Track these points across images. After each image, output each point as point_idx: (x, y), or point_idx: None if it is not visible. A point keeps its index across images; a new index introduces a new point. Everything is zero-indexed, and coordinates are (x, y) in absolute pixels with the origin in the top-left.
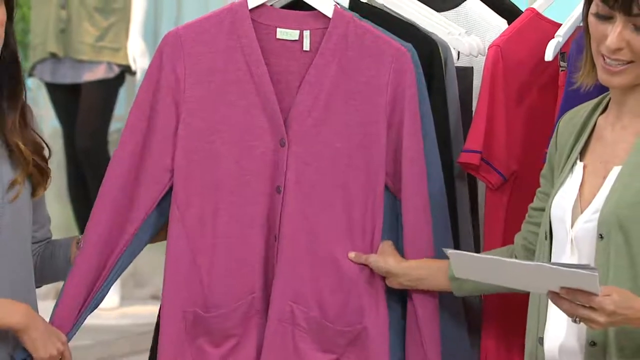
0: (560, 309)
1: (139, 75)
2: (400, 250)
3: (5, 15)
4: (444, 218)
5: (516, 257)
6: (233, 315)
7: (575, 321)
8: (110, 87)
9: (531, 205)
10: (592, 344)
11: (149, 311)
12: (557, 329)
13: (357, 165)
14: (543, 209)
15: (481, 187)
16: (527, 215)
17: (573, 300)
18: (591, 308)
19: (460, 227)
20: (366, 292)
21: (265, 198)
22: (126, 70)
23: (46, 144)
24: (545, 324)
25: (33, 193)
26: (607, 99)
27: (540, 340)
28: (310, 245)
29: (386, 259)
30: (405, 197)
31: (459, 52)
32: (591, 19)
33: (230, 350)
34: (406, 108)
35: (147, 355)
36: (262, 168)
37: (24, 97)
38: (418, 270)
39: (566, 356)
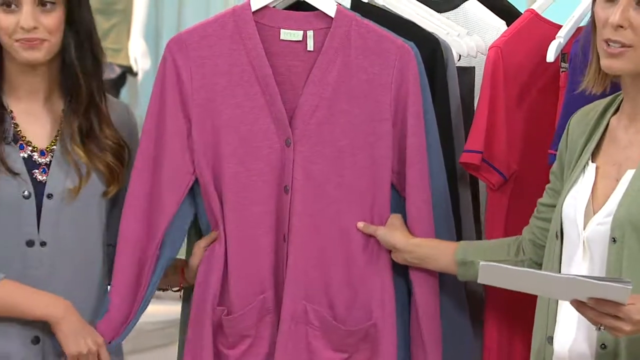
0: (585, 317)
1: (140, 76)
2: None
3: (62, 19)
4: (446, 214)
5: (524, 251)
6: (247, 317)
7: (599, 329)
8: (111, 88)
9: (540, 200)
10: (602, 346)
11: (150, 310)
12: (568, 330)
13: (363, 163)
14: (551, 205)
15: (482, 186)
16: (535, 210)
17: (600, 309)
18: (616, 317)
19: (463, 225)
20: (374, 288)
21: (273, 198)
22: (127, 71)
23: (125, 143)
24: (555, 323)
25: (105, 192)
26: (619, 98)
27: (549, 340)
28: (320, 243)
29: (393, 233)
30: (409, 194)
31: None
32: (597, 7)
33: (245, 351)
34: (409, 106)
35: (147, 354)
36: (269, 168)
37: (99, 98)
38: (425, 249)
39: (576, 358)
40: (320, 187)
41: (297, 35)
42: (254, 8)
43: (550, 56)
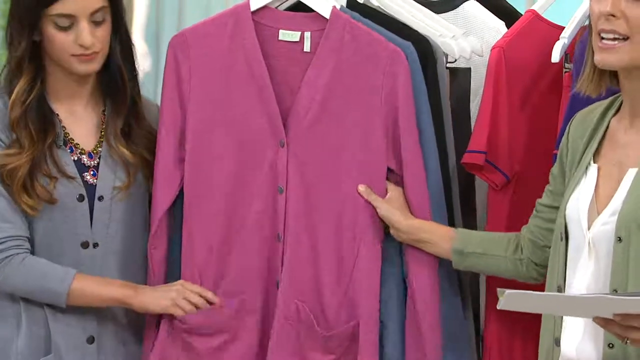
0: (611, 332)
1: (141, 77)
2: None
3: (110, 29)
4: (442, 216)
5: (522, 250)
6: (220, 313)
7: (625, 343)
8: None
9: (539, 200)
10: (610, 346)
11: None
12: (575, 331)
13: (355, 164)
14: (550, 206)
15: (479, 187)
16: (534, 209)
17: (625, 323)
18: None
19: (456, 225)
20: (361, 289)
21: (267, 198)
22: None
23: None
24: (562, 325)
25: (148, 191)
26: (619, 99)
27: (557, 341)
28: (313, 243)
29: (394, 211)
30: (407, 195)
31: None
32: (592, 3)
33: (219, 346)
34: (401, 110)
35: None
36: (263, 169)
37: (139, 100)
38: (423, 232)
39: (584, 358)
40: (314, 188)
41: (294, 36)
42: (253, 8)
43: (556, 57)
